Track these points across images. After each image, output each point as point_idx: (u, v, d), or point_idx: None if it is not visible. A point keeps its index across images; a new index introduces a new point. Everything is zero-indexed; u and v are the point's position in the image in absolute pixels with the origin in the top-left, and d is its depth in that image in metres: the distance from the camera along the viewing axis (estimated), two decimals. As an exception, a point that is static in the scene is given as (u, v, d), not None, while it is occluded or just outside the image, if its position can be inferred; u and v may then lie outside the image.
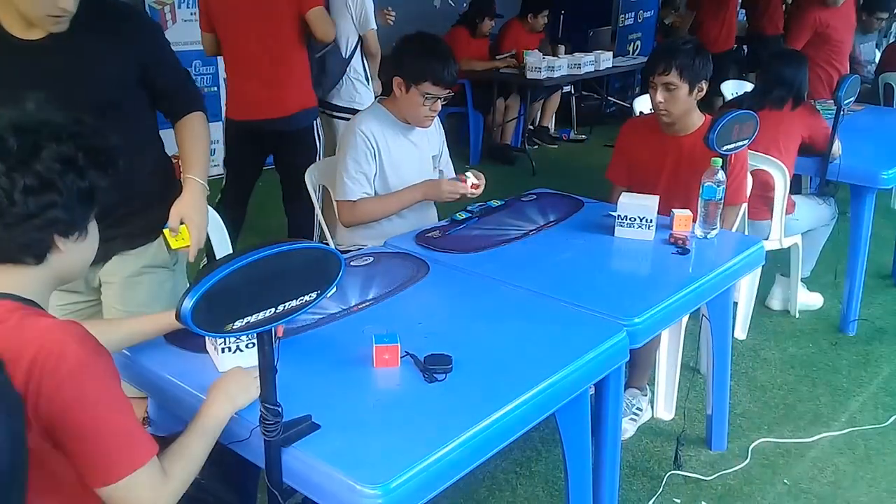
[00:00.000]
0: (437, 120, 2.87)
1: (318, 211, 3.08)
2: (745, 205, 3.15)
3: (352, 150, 2.74)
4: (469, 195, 2.77)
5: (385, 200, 2.77)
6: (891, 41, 6.01)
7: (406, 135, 2.82)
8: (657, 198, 2.65)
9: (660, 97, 2.87)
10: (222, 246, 2.63)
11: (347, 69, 4.29)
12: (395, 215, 2.82)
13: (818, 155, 3.67)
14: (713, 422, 2.89)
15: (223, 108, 5.94)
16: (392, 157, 2.79)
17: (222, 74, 5.93)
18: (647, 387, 3.08)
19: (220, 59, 5.81)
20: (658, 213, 2.64)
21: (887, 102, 5.67)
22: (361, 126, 2.75)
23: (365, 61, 4.37)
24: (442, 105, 2.74)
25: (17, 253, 1.35)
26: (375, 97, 2.91)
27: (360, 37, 4.28)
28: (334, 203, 2.84)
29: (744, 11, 8.99)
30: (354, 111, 4.25)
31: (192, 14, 5.61)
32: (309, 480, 1.49)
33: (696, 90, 2.86)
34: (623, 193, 2.72)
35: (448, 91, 2.69)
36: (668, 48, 2.89)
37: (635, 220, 2.62)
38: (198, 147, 2.20)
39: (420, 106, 2.69)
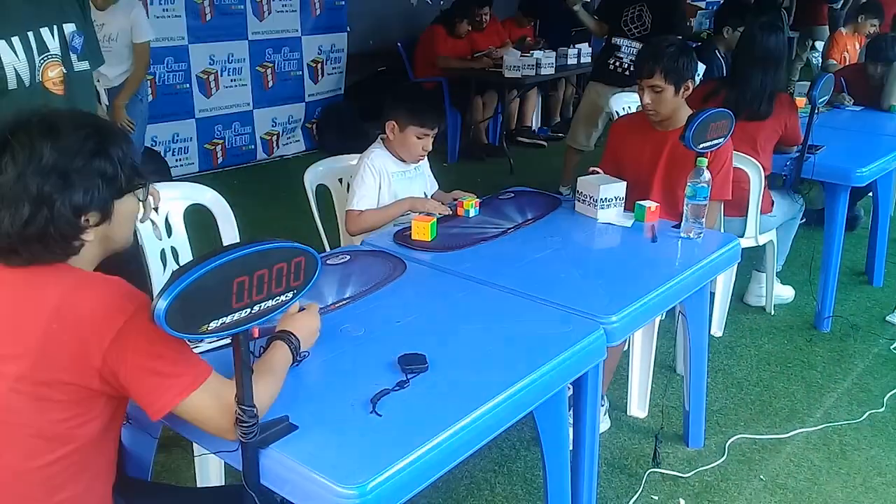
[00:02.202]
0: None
1: (315, 211, 3.06)
2: (719, 203, 3.16)
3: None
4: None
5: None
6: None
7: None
8: (624, 183, 2.81)
9: (647, 99, 2.93)
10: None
11: None
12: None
13: (785, 152, 3.72)
14: (690, 419, 2.90)
15: (195, 106, 5.96)
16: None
17: (195, 71, 5.89)
18: (605, 397, 3.02)
19: (192, 57, 5.84)
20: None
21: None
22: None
23: None
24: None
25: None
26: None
27: None
28: (337, 211, 3.03)
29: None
30: None
31: (164, 10, 5.57)
32: (286, 481, 1.48)
33: (682, 90, 2.91)
34: (581, 178, 2.85)
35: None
36: (652, 52, 2.91)
37: (587, 198, 2.78)
38: None
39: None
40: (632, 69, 4.66)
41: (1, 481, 1.43)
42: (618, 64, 5.08)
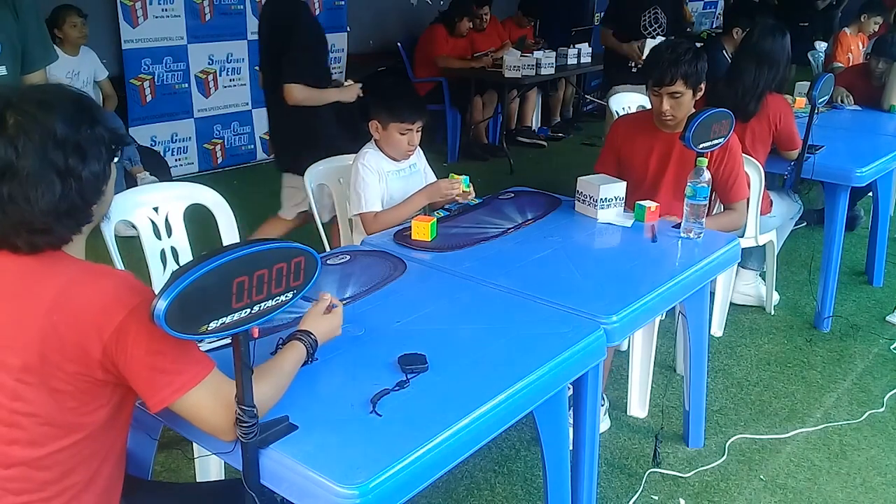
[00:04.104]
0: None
1: (314, 210, 3.06)
2: (744, 201, 3.15)
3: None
4: (460, 198, 2.88)
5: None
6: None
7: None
8: (623, 183, 2.81)
9: (666, 105, 2.93)
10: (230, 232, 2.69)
11: None
12: None
13: (784, 156, 3.70)
14: (690, 418, 2.90)
15: (194, 106, 5.96)
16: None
17: (193, 71, 5.89)
18: (605, 396, 3.04)
19: (191, 56, 5.83)
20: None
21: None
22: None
23: None
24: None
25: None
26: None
27: None
28: (351, 216, 2.99)
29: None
30: None
31: (163, 10, 5.56)
32: (286, 481, 1.48)
33: (697, 92, 2.95)
34: (581, 178, 2.84)
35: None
36: (671, 60, 2.89)
37: (587, 198, 2.78)
38: None
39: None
40: None
41: (11, 469, 1.43)
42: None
